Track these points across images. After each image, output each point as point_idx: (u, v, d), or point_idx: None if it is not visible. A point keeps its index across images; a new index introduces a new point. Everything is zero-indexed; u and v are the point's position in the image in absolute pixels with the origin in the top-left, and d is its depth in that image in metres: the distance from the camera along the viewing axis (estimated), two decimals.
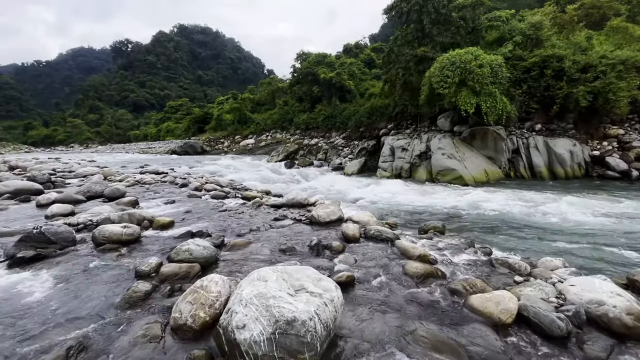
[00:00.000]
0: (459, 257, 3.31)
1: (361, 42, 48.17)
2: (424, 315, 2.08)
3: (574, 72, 12.13)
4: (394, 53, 16.63)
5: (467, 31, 15.36)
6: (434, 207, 8.01)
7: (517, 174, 12.14)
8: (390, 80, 16.72)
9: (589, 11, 16.64)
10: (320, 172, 15.48)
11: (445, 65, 11.76)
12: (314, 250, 3.09)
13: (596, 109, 11.96)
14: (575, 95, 11.73)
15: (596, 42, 13.79)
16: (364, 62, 33.94)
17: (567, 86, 12.11)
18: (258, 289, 1.63)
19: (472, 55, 11.61)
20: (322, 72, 25.03)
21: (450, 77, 11.45)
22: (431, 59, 13.71)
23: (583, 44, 13.52)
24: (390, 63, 17.06)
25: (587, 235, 5.44)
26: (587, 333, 1.94)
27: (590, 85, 11.66)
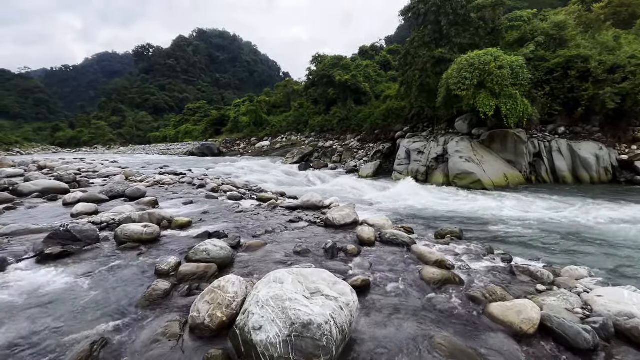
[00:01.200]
0: (477, 264, 3.23)
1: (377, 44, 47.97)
2: (441, 322, 2.04)
3: (600, 72, 11.67)
4: (411, 55, 16.46)
5: (486, 32, 15.03)
6: (451, 212, 7.86)
7: (538, 178, 11.75)
8: (407, 82, 16.55)
9: (617, 9, 15.97)
10: (334, 175, 15.47)
11: (464, 67, 11.54)
12: (329, 253, 3.08)
13: (624, 111, 11.45)
14: (602, 96, 11.27)
15: (624, 41, 13.21)
16: (380, 64, 33.74)
17: (593, 87, 11.65)
18: (274, 290, 1.64)
19: (491, 56, 11.34)
20: (337, 75, 25.05)
21: (469, 79, 11.23)
22: (449, 60, 13.49)
23: (610, 43, 12.99)
24: (406, 65, 16.89)
25: (614, 243, 5.20)
26: (615, 347, 1.85)
27: (619, 86, 11.18)
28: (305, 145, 23.20)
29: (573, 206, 7.75)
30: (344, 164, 18.36)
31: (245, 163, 19.74)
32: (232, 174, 14.01)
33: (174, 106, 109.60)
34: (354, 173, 15.92)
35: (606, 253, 4.77)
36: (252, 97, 43.26)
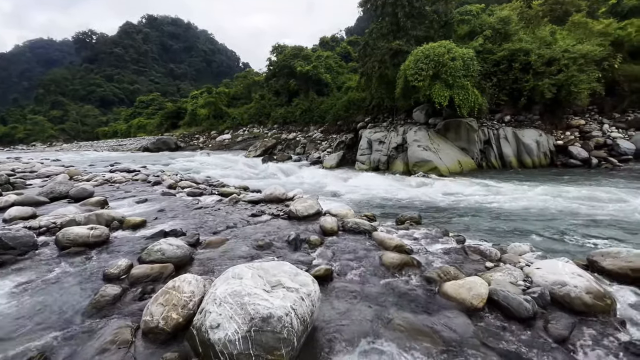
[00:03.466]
0: (434, 246, 3.40)
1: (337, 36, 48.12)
2: (400, 304, 2.12)
3: (539, 65, 12.69)
4: (370, 46, 16.71)
5: (440, 25, 15.66)
6: (411, 198, 8.19)
7: (488, 164, 12.62)
8: (367, 74, 16.80)
9: (553, 7, 17.40)
10: (298, 167, 15.42)
11: (420, 59, 11.95)
12: (292, 245, 3.07)
13: (560, 100, 12.59)
14: (541, 87, 12.29)
15: (559, 36, 14.45)
16: (341, 55, 33.90)
17: (533, 79, 12.65)
18: (233, 287, 1.59)
19: (445, 48, 11.86)
20: (298, 66, 24.78)
21: (425, 70, 11.66)
22: (406, 52, 13.88)
23: (547, 38, 14.14)
24: (366, 56, 17.13)
25: (552, 220, 5.76)
26: (551, 313, 2.05)
27: (554, 78, 12.24)
28: (268, 138, 22.81)
29: (518, 188, 8.44)
30: (307, 155, 18.35)
31: (206, 158, 18.99)
32: (192, 170, 13.42)
33: (124, 98, 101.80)
34: (318, 164, 15.98)
35: (546, 229, 5.27)
36: (210, 89, 41.38)
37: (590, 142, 12.19)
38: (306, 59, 26.74)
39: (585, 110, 13.56)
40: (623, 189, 7.79)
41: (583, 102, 12.38)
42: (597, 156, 11.49)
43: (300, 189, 6.31)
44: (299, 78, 25.24)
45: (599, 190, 7.56)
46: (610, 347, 1.72)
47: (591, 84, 11.99)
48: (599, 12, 19.77)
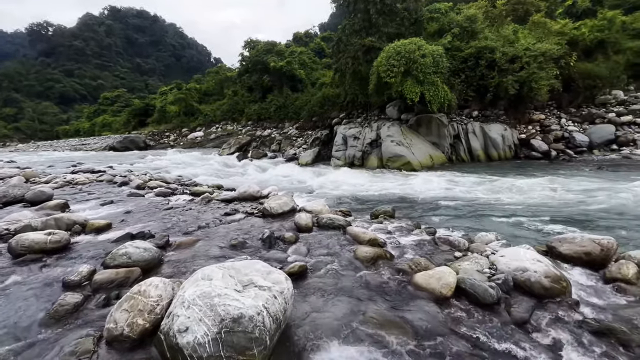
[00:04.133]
0: (406, 239, 3.49)
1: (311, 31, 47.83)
2: (373, 296, 2.16)
3: (503, 63, 13.29)
4: (343, 42, 16.76)
5: (410, 22, 15.97)
6: (386, 193, 8.35)
7: (458, 157, 13.11)
8: (340, 70, 16.87)
9: (515, 6, 18.25)
10: (274, 164, 15.27)
11: (391, 55, 12.15)
12: (266, 243, 3.04)
13: (522, 96, 13.28)
14: (505, 84, 12.89)
15: (521, 35, 15.19)
16: (314, 51, 33.79)
17: (498, 76, 13.25)
18: (202, 288, 1.55)
19: (415, 45, 12.12)
20: (271, 61, 24.42)
21: (396, 67, 11.87)
22: (378, 48, 14.06)
23: (510, 37, 14.83)
24: (339, 52, 17.18)
25: (516, 209, 6.08)
26: (514, 297, 2.17)
27: (517, 75, 12.88)
28: (242, 135, 22.38)
29: (485, 180, 8.85)
30: (283, 152, 18.20)
31: (177, 156, 18.35)
32: (162, 169, 12.91)
33: (87, 95, 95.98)
34: (294, 161, 15.90)
35: (511, 218, 5.56)
36: (180, 85, 39.89)
37: (549, 135, 12.98)
38: (280, 55, 26.41)
39: (545, 105, 14.40)
40: (577, 178, 8.36)
41: (543, 98, 13.12)
42: (556, 148, 12.25)
43: (275, 186, 6.23)
44: (273, 74, 24.89)
45: (556, 182, 8.07)
46: (565, 327, 1.85)
47: (550, 81, 12.72)
48: (557, 12, 21.01)
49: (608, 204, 6.00)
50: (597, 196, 6.53)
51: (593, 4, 21.63)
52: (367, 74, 14.16)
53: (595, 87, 14.04)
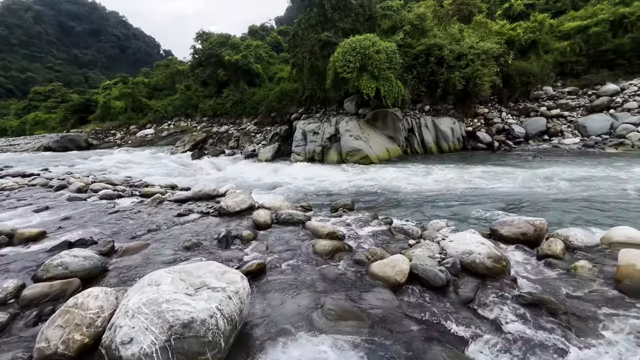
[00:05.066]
0: (364, 230, 3.58)
1: (267, 25, 46.83)
2: (332, 289, 2.19)
3: (451, 59, 14.09)
4: (299, 37, 16.63)
5: (365, 18, 16.26)
6: (346, 186, 8.50)
7: (412, 150, 13.73)
8: (298, 64, 16.75)
9: (460, 7, 19.40)
10: (232, 161, 14.83)
11: (347, 51, 12.30)
12: (223, 242, 2.94)
13: (468, 91, 14.20)
14: (453, 80, 13.69)
15: (466, 34, 16.21)
16: (271, 45, 33.14)
17: (446, 72, 14.02)
18: (148, 295, 1.45)
19: (370, 41, 12.39)
20: (226, 55, 23.52)
21: (352, 62, 12.06)
22: (334, 43, 14.15)
23: (457, 35, 15.75)
24: (296, 47, 17.02)
25: (465, 196, 6.53)
26: (461, 278, 2.33)
27: (463, 71, 13.74)
28: (197, 132, 21.39)
29: (437, 170, 9.37)
30: (241, 149, 17.73)
31: (125, 155, 17.06)
32: (108, 170, 11.93)
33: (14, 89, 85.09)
34: (254, 157, 15.57)
35: (459, 204, 5.95)
36: (126, 78, 36.85)
37: (492, 127, 14.08)
38: (234, 48, 25.51)
39: (488, 100, 15.57)
40: (515, 166, 9.18)
41: (486, 93, 14.15)
42: (498, 140, 13.34)
43: (233, 184, 6.06)
44: (228, 68, 24.00)
45: (498, 168, 8.80)
46: (505, 301, 2.02)
47: (491, 77, 13.74)
48: (496, 14, 22.71)
49: (541, 189, 6.67)
50: (533, 182, 7.23)
51: (527, 7, 23.73)
52: (324, 69, 14.21)
53: (530, 83, 15.47)
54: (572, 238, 3.03)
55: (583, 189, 6.41)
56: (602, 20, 16.01)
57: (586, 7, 19.54)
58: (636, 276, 2.13)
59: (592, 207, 5.27)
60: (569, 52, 16.17)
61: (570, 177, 7.31)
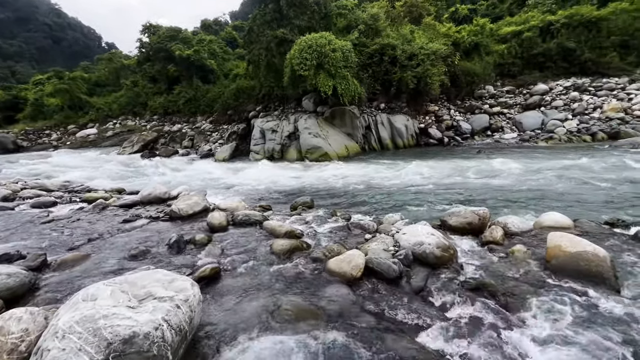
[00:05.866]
0: (323, 227, 3.61)
1: (221, 19, 45.12)
2: (289, 288, 2.17)
3: (403, 59, 14.67)
4: (255, 33, 16.25)
5: (320, 16, 16.33)
6: (306, 184, 8.51)
7: (370, 147, 14.13)
8: (254, 61, 16.38)
9: (410, 9, 20.26)
10: (187, 161, 14.12)
11: (304, 48, 12.27)
12: (174, 248, 2.78)
13: (420, 90, 14.91)
14: (405, 79, 14.28)
15: (417, 35, 16.97)
16: (226, 40, 31.97)
17: (399, 71, 14.58)
18: (82, 312, 1.32)
19: (326, 39, 12.47)
20: (177, 49, 22.23)
21: (309, 60, 12.06)
22: (290, 41, 14.04)
23: (408, 36, 16.42)
24: (252, 43, 16.62)
25: (418, 189, 6.85)
26: (413, 269, 2.44)
27: (415, 70, 14.39)
28: (147, 131, 20.04)
29: (393, 166, 9.74)
30: (197, 148, 16.96)
31: (64, 158, 15.48)
32: (43, 174, 10.74)
33: None
34: (210, 157, 14.97)
35: (413, 198, 6.24)
36: (61, 73, 33.26)
37: (442, 124, 14.96)
38: (186, 43, 24.20)
39: (438, 98, 16.49)
40: (463, 159, 9.85)
41: (436, 92, 14.97)
42: (448, 136, 14.20)
43: (186, 185, 5.76)
44: (180, 63, 22.73)
45: (449, 162, 9.38)
46: (452, 287, 2.16)
47: (440, 77, 14.57)
48: (444, 17, 24.09)
49: (486, 180, 7.22)
50: (479, 174, 7.81)
51: (470, 12, 25.50)
52: (281, 66, 14.04)
53: (474, 82, 16.66)
54: (510, 225, 3.32)
55: (521, 179, 7.05)
56: (533, 26, 17.70)
57: (520, 14, 21.48)
58: (561, 256, 2.39)
59: (528, 195, 5.82)
60: (507, 54, 17.67)
61: (510, 168, 8.01)
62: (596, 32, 15.92)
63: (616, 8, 16.32)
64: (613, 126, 11.58)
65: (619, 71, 14.74)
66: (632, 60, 14.86)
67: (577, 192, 5.71)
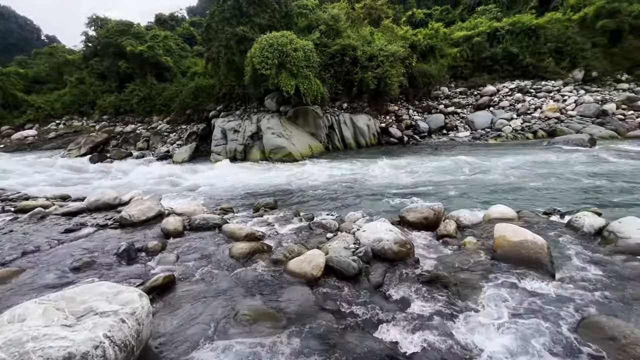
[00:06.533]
0: (285, 228, 3.58)
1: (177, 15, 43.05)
2: (248, 292, 2.12)
3: (364, 60, 15.00)
4: (213, 29, 15.70)
5: (281, 15, 16.18)
6: (270, 185, 8.39)
7: (333, 146, 14.29)
8: (213, 59, 15.83)
9: (370, 11, 20.78)
10: (143, 164, 13.29)
11: (264, 47, 12.09)
12: (124, 257, 2.60)
13: (380, 91, 15.34)
14: (366, 79, 14.62)
15: (376, 37, 17.43)
16: (183, 37, 30.55)
17: (360, 72, 14.89)
18: (7, 335, 1.18)
19: (287, 39, 12.38)
20: (128, 45, 20.84)
21: (270, 59, 11.90)
22: (251, 39, 13.76)
23: (368, 37, 16.82)
24: (210, 40, 16.04)
25: (382, 187, 7.04)
26: (373, 265, 2.49)
27: (375, 71, 14.78)
28: (96, 132, 18.55)
29: (356, 165, 9.94)
30: (153, 150, 16.04)
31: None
32: None
33: None
34: (168, 159, 14.24)
35: (376, 196, 6.41)
36: None
37: (402, 124, 15.52)
38: (139, 38, 22.74)
39: (398, 98, 17.09)
40: (421, 157, 10.31)
41: (395, 92, 15.50)
42: (407, 135, 14.77)
43: (139, 190, 5.42)
44: (132, 60, 21.30)
45: (409, 159, 9.76)
46: (408, 281, 2.24)
47: (399, 78, 15.10)
48: (401, 20, 25.01)
49: (440, 177, 7.61)
50: (435, 171, 8.21)
51: (426, 16, 26.73)
52: (242, 65, 13.71)
53: (430, 83, 17.49)
54: (463, 218, 3.52)
55: (472, 174, 7.52)
56: (481, 31, 18.97)
57: (470, 20, 22.92)
58: (506, 245, 2.58)
59: (479, 189, 6.22)
60: (459, 57, 18.76)
61: (463, 165, 8.51)
62: (535, 38, 17.42)
63: (551, 17, 18.02)
64: (551, 125, 12.77)
65: (555, 75, 16.27)
66: (566, 65, 16.47)
67: (521, 185, 6.21)
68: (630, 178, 6.14)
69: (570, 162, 7.91)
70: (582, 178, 6.34)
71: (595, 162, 7.81)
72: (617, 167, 7.14)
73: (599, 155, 8.43)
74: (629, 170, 6.76)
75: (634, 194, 5.18)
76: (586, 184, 5.97)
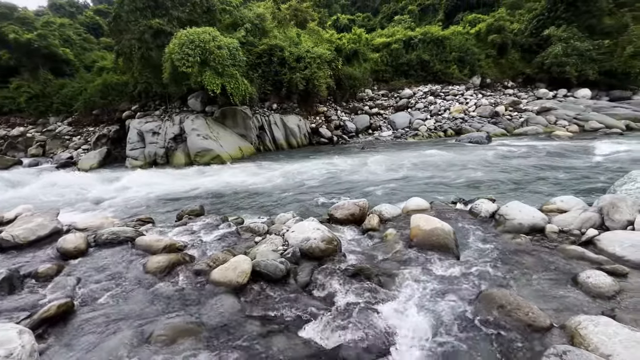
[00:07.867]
0: (211, 235, 3.38)
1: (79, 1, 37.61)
2: (166, 310, 1.94)
3: (292, 61, 15.08)
4: (123, 20, 14.04)
5: (203, 10, 15.29)
6: (197, 190, 7.85)
7: (265, 147, 14.06)
8: (124, 53, 14.16)
9: (296, 12, 20.98)
10: (37, 173, 11.25)
11: (185, 43, 11.27)
12: (3, 287, 2.15)
13: (309, 92, 15.60)
14: (294, 80, 14.72)
15: (303, 39, 17.68)
16: (87, 26, 26.80)
17: (289, 72, 14.93)
18: None
19: (210, 35, 11.73)
20: (11, 31, 17.43)
21: (192, 56, 11.15)
22: (169, 33, 12.71)
23: (295, 39, 16.96)
24: (120, 32, 14.31)
25: (313, 187, 7.15)
26: (301, 265, 2.50)
27: (303, 73, 14.97)
28: None
29: (287, 166, 9.93)
30: (51, 156, 13.73)
31: None
32: None
33: None
34: (71, 166, 12.33)
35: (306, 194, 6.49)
36: None
37: (331, 124, 16.04)
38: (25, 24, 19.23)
39: (326, 99, 17.61)
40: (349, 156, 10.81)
41: (323, 94, 15.92)
42: (336, 135, 15.32)
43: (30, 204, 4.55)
44: (17, 49, 17.89)
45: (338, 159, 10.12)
46: (335, 277, 2.30)
47: (326, 80, 15.55)
48: (327, 24, 25.81)
49: (365, 174, 8.07)
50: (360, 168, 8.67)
51: (349, 22, 28.06)
52: (159, 61, 12.56)
53: (355, 86, 18.42)
54: (384, 212, 3.77)
55: (392, 170, 8.14)
56: (398, 39, 20.66)
57: (388, 28, 24.80)
58: (420, 234, 2.84)
59: (399, 184, 6.76)
60: (380, 62, 20.15)
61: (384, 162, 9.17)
62: (442, 48, 19.65)
63: (454, 30, 20.55)
64: (457, 124, 14.54)
65: (459, 80, 18.61)
66: (467, 72, 18.95)
67: (434, 178, 6.93)
68: (516, 167, 7.34)
69: (473, 155, 9.12)
70: (482, 168, 7.37)
71: (491, 155, 9.15)
72: (507, 160, 8.49)
73: (495, 150, 9.90)
74: (515, 162, 8.09)
75: (519, 182, 6.21)
76: (485, 174, 6.95)
